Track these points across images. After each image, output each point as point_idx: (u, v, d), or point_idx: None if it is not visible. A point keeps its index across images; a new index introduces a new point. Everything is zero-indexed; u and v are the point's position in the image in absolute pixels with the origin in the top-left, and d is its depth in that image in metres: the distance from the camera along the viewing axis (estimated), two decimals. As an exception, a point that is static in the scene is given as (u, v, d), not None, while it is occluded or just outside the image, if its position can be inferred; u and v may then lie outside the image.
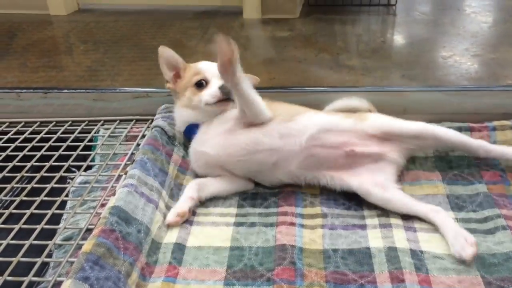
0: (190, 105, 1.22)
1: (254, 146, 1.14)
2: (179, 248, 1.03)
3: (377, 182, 1.12)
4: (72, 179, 1.19)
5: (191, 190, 1.14)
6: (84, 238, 0.95)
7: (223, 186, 1.18)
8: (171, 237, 1.06)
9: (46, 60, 2.86)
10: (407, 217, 1.08)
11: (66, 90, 1.44)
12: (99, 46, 3.10)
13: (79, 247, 0.91)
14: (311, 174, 1.16)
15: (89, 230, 0.97)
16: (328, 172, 1.16)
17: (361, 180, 1.12)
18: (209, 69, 1.22)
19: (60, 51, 3.14)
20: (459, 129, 1.27)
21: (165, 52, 1.25)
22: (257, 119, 1.15)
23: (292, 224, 1.08)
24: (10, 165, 1.24)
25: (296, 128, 1.15)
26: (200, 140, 1.20)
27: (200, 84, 1.21)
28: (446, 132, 1.17)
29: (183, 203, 1.11)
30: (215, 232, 1.07)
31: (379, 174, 1.14)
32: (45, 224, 1.03)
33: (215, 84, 1.19)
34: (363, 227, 1.07)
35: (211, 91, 1.19)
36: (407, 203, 1.09)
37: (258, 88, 1.46)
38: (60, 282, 0.84)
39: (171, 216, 1.08)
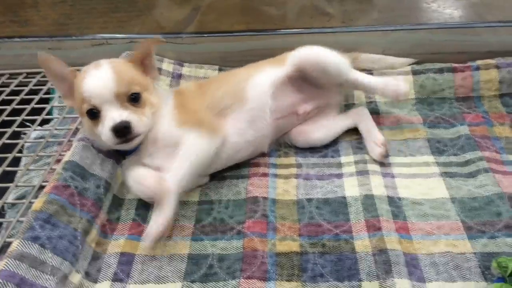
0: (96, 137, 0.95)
1: (233, 152, 1.02)
2: (144, 204, 0.97)
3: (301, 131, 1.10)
4: (26, 134, 1.10)
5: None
6: (37, 196, 0.87)
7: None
8: (135, 193, 1.00)
9: (10, 15, 2.69)
10: (385, 164, 1.03)
11: (18, 39, 1.33)
12: (67, -3, 2.92)
13: (32, 205, 0.83)
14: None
15: (43, 188, 0.89)
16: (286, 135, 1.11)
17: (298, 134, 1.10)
18: (95, 93, 0.88)
19: (26, 5, 2.95)
20: (441, 70, 1.21)
21: (47, 63, 0.93)
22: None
23: (265, 174, 1.02)
24: (-41, 121, 1.15)
25: (254, 106, 1.02)
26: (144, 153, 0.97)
27: (93, 115, 0.89)
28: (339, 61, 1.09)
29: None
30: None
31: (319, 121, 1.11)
32: (-4, 182, 0.95)
33: (107, 119, 0.88)
34: (340, 176, 1.02)
35: (105, 133, 0.88)
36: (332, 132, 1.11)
37: (233, 32, 1.38)
38: (10, 244, 0.77)
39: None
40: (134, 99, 0.90)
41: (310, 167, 1.05)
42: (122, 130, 0.87)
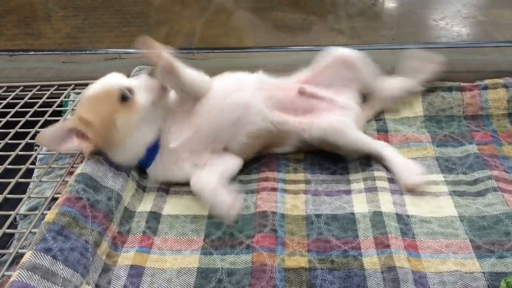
0: (132, 128, 0.97)
1: (224, 91, 1.06)
2: (154, 217, 0.98)
3: (333, 121, 1.07)
4: (39, 146, 1.12)
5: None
6: (49, 208, 0.88)
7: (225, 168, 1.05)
8: (145, 206, 1.01)
9: (23, 28, 2.74)
10: (394, 181, 1.03)
11: (33, 52, 1.35)
12: (79, 11, 2.97)
13: (44, 217, 0.84)
14: (280, 117, 1.08)
15: (55, 199, 0.90)
16: (295, 118, 1.09)
17: (325, 122, 1.07)
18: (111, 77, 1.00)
19: (38, 18, 3.01)
20: (450, 89, 1.22)
21: (47, 137, 0.94)
22: (204, 90, 1.04)
23: (274, 189, 1.03)
24: (-27, 132, 1.16)
25: (242, 76, 1.11)
26: (168, 141, 1.02)
27: (126, 98, 0.95)
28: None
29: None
30: (193, 201, 1.01)
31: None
32: (9, 194, 0.96)
33: (139, 81, 0.99)
34: (348, 192, 1.02)
35: (144, 83, 0.99)
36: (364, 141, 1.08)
37: (244, 48, 1.40)
38: (23, 255, 0.78)
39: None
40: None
41: (318, 183, 1.05)
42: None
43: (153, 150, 1.01)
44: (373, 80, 1.18)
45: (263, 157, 1.13)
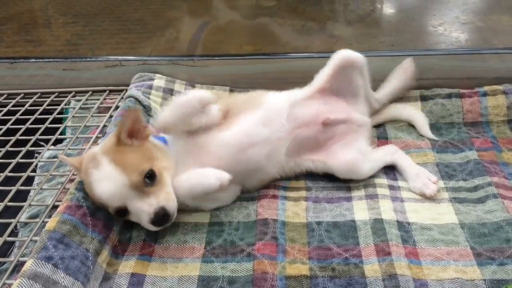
0: None
1: (247, 140, 0.99)
2: (155, 225, 0.98)
3: (348, 161, 1.05)
4: (40, 153, 1.12)
5: None
6: (50, 216, 0.88)
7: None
8: (146, 214, 1.00)
9: (23, 34, 2.74)
10: (394, 188, 1.03)
11: (33, 60, 1.36)
12: (79, 18, 2.97)
13: (45, 225, 0.84)
14: (295, 160, 1.07)
15: (56, 207, 0.90)
16: (310, 156, 1.08)
17: (338, 162, 1.06)
18: (111, 197, 0.86)
19: (39, 25, 3.01)
20: (449, 96, 1.22)
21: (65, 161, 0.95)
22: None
23: (275, 197, 1.03)
24: (-26, 140, 1.17)
25: (271, 109, 1.04)
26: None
27: (122, 212, 0.89)
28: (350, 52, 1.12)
29: None
30: (194, 209, 1.00)
31: (353, 145, 1.08)
32: (10, 201, 0.97)
33: (140, 214, 0.87)
34: (349, 199, 1.02)
35: (145, 224, 0.89)
36: (376, 165, 1.08)
37: (244, 55, 1.40)
38: (24, 263, 0.78)
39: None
40: (150, 177, 0.87)
41: (319, 190, 1.05)
42: (163, 219, 0.87)
43: None
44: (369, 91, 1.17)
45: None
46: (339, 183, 1.07)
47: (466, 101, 1.20)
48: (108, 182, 0.85)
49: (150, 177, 0.87)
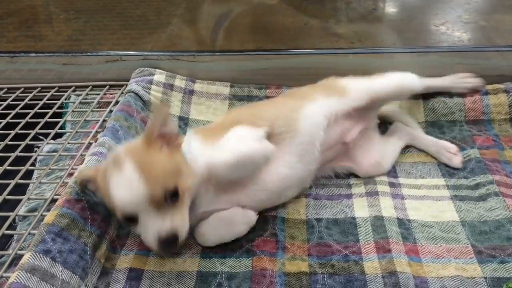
0: None
1: (283, 186, 0.95)
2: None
3: (371, 161, 1.06)
4: (39, 147, 1.11)
5: None
6: (49, 209, 0.88)
7: None
8: (145, 208, 1.00)
9: (25, 30, 2.73)
10: (395, 185, 1.03)
11: (34, 54, 1.35)
12: (80, 14, 2.96)
13: (43, 218, 0.84)
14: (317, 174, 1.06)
15: (54, 201, 0.90)
16: (331, 165, 1.07)
17: (358, 162, 1.06)
18: (126, 203, 0.76)
19: (40, 20, 3.00)
20: (451, 94, 1.21)
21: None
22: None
23: (275, 193, 1.02)
24: (-27, 133, 1.16)
25: (305, 139, 0.96)
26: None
27: (131, 220, 0.79)
28: (412, 80, 1.12)
29: None
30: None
31: (371, 147, 1.08)
32: (9, 195, 0.96)
33: (149, 229, 0.77)
34: (349, 196, 1.02)
35: (149, 241, 0.78)
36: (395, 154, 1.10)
37: (245, 51, 1.39)
38: (22, 256, 0.77)
39: None
40: (172, 196, 0.78)
41: (319, 187, 1.05)
42: (171, 244, 0.77)
43: None
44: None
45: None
46: (340, 180, 1.07)
47: (468, 99, 1.20)
48: (127, 188, 0.76)
49: (172, 196, 0.78)
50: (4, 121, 1.20)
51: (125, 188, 0.76)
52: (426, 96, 1.22)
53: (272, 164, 0.92)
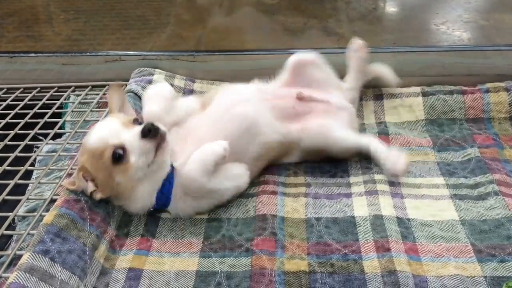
0: (132, 184, 0.90)
1: (228, 103, 1.05)
2: (153, 220, 0.97)
3: (321, 124, 1.08)
4: (38, 147, 1.11)
5: None
6: (48, 210, 0.88)
7: None
8: (144, 209, 1.00)
9: (25, 30, 2.74)
10: (394, 184, 1.03)
11: (33, 54, 1.35)
12: (80, 14, 2.96)
13: (42, 219, 0.84)
14: (287, 127, 1.08)
15: (53, 201, 0.90)
16: (296, 125, 1.09)
17: (311, 126, 1.08)
18: (106, 133, 0.89)
19: (40, 20, 3.00)
20: (451, 92, 1.21)
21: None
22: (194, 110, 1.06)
23: (274, 193, 1.02)
24: (-27, 134, 1.16)
25: (240, 89, 1.11)
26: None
27: (118, 156, 0.86)
28: None
29: None
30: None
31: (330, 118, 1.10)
32: (8, 195, 0.96)
33: (133, 137, 0.88)
34: (349, 195, 1.02)
35: (137, 147, 0.87)
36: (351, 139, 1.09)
37: (244, 50, 1.39)
38: (21, 256, 0.78)
39: None
40: (138, 122, 0.92)
41: (319, 186, 1.05)
42: (152, 129, 0.86)
43: (166, 190, 0.94)
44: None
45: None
46: (339, 179, 1.07)
47: (468, 97, 1.20)
48: (102, 127, 0.90)
49: (139, 123, 0.92)
50: (3, 121, 1.20)
51: (100, 128, 0.91)
52: (425, 94, 1.22)
53: (212, 103, 1.05)
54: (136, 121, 0.93)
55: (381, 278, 0.81)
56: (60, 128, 1.19)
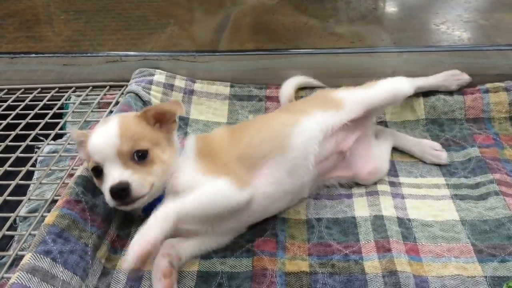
0: None
1: (268, 203, 0.92)
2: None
3: (370, 168, 1.04)
4: (39, 148, 1.12)
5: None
6: (49, 210, 0.88)
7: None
8: (145, 209, 1.00)
9: (25, 31, 2.74)
10: (395, 184, 1.03)
11: (34, 55, 1.35)
12: (81, 15, 2.96)
13: (44, 219, 0.84)
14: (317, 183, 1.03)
15: (55, 202, 0.90)
16: (331, 174, 1.04)
17: (358, 171, 1.04)
18: (97, 150, 0.82)
19: (40, 21, 3.00)
20: (451, 92, 1.22)
21: (74, 135, 0.92)
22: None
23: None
24: (-26, 135, 1.16)
25: (297, 155, 0.93)
26: None
27: (98, 173, 0.84)
28: (404, 85, 1.10)
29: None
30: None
31: (369, 152, 1.06)
32: (9, 196, 0.96)
33: (108, 178, 0.81)
34: (349, 196, 1.02)
35: (105, 193, 0.82)
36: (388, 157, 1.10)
37: (245, 51, 1.39)
38: (22, 257, 0.78)
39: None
40: (140, 156, 0.83)
41: (320, 187, 1.05)
42: (119, 193, 0.79)
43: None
44: None
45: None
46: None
47: (468, 97, 1.20)
48: (103, 137, 0.83)
49: (142, 156, 0.83)
50: (4, 122, 1.20)
51: (100, 136, 0.84)
52: (426, 93, 1.22)
53: (256, 185, 0.89)
54: (139, 154, 0.83)
55: (382, 279, 0.81)
56: (61, 128, 1.19)
